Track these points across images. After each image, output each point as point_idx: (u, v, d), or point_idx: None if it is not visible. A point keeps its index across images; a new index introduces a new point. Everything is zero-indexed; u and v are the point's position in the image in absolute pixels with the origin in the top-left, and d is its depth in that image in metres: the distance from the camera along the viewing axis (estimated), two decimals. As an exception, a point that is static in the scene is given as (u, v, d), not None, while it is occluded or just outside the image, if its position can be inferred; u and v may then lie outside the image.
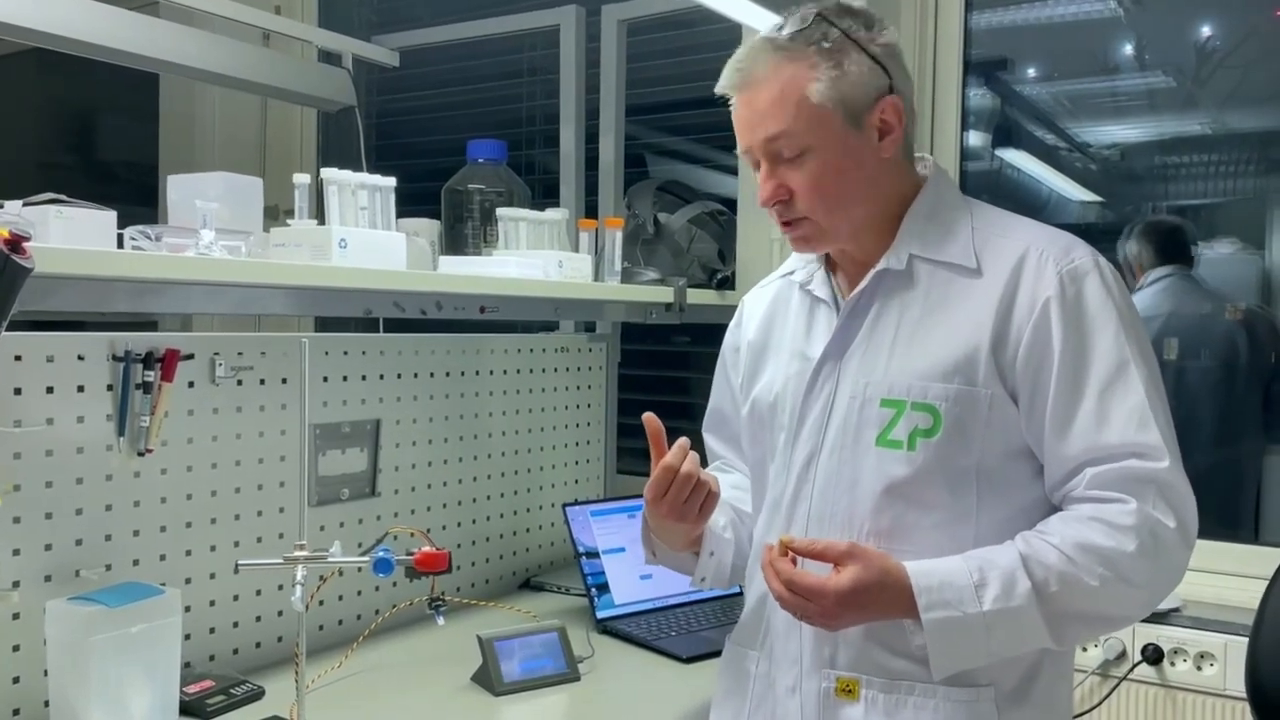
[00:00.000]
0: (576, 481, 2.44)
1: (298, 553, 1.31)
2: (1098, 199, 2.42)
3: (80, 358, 1.53)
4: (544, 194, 2.75)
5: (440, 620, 1.39)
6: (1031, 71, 2.45)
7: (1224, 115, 2.24)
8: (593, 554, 2.03)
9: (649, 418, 1.30)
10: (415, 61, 2.90)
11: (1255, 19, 2.20)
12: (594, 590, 1.99)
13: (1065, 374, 1.19)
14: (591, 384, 2.49)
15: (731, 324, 1.53)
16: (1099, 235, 2.38)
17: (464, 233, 2.22)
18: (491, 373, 2.22)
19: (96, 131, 3.79)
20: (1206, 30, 2.23)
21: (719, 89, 1.29)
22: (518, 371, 2.28)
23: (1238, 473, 2.21)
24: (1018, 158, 2.47)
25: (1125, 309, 1.22)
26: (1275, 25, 2.17)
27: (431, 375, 2.09)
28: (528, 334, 2.45)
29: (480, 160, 2.27)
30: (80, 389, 1.53)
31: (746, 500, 1.45)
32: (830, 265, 1.37)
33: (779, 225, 1.30)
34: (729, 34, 2.44)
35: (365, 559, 1.31)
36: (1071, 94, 2.40)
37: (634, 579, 2.04)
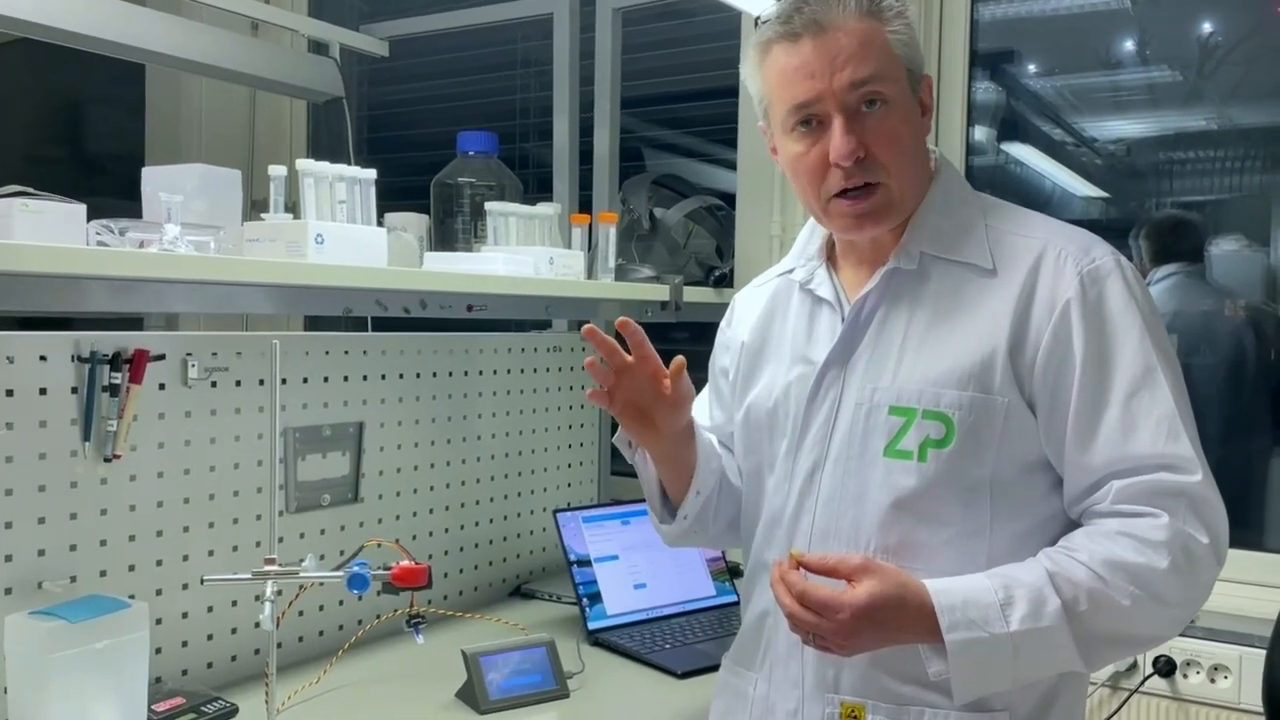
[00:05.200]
0: (569, 485, 2.37)
1: (268, 567, 1.23)
2: (1102, 194, 2.37)
3: (43, 358, 1.46)
4: (537, 188, 2.69)
5: (420, 639, 1.32)
6: (1037, 65, 2.40)
7: (1229, 111, 2.20)
8: (584, 562, 1.96)
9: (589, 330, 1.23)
10: (407, 52, 2.84)
11: (1259, 14, 2.16)
12: (585, 600, 1.92)
13: (1088, 380, 1.12)
14: (585, 384, 2.42)
15: (722, 324, 1.45)
16: (1103, 231, 2.31)
17: (454, 228, 2.16)
18: (481, 373, 2.15)
19: (84, 123, 3.74)
20: (1211, 25, 2.19)
21: (780, 34, 1.17)
22: (508, 371, 2.22)
23: (1245, 475, 2.16)
24: (1022, 152, 2.42)
25: (1149, 311, 1.15)
26: (1278, 20, 2.13)
27: (418, 376, 2.02)
28: (519, 333, 2.39)
29: (471, 153, 2.20)
30: (43, 391, 1.46)
31: (733, 471, 1.40)
32: (831, 263, 1.30)
33: (841, 196, 1.18)
34: (727, 23, 2.38)
35: (339, 575, 1.24)
36: (1077, 88, 2.36)
37: (627, 589, 1.97)
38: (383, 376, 1.95)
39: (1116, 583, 1.07)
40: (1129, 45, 2.28)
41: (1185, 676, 1.92)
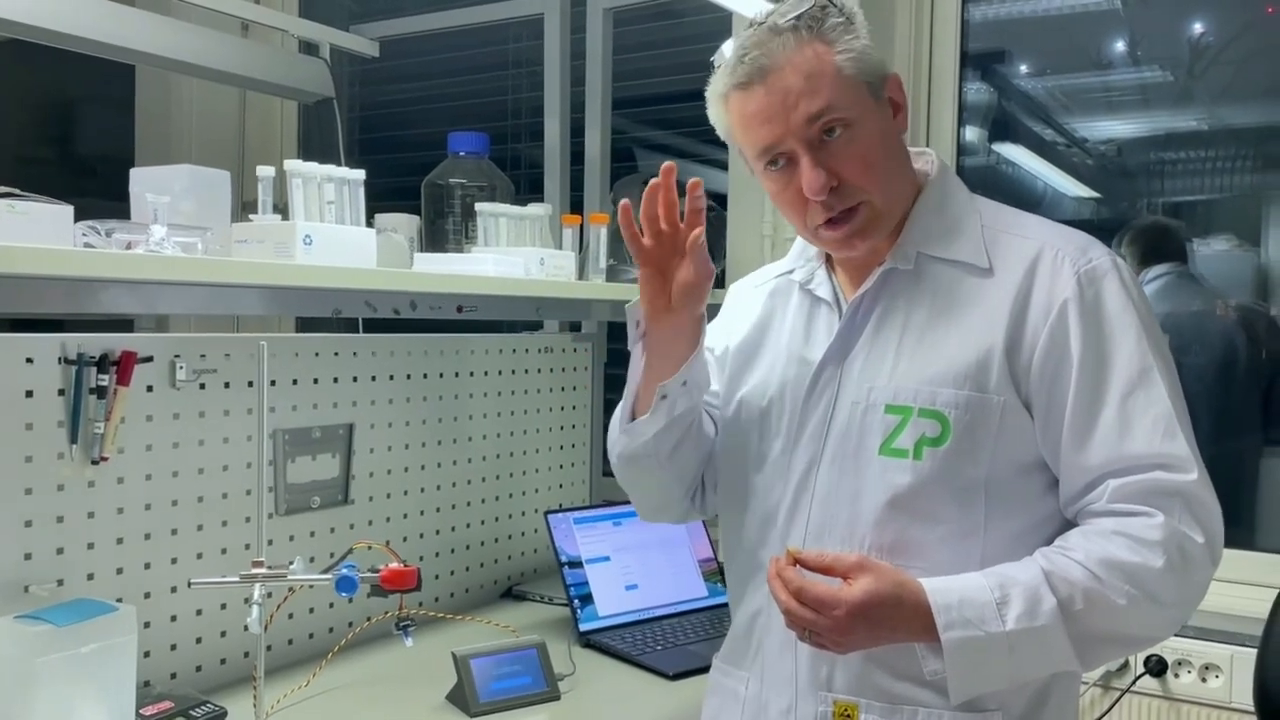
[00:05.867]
0: (561, 486, 2.37)
1: (255, 570, 1.22)
2: (1093, 195, 2.37)
3: (29, 360, 1.45)
4: (529, 189, 2.68)
5: (408, 641, 1.31)
6: (1028, 66, 2.40)
7: (1220, 111, 2.20)
8: (576, 563, 1.95)
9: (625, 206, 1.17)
10: (398, 52, 2.83)
11: (1250, 14, 2.17)
12: (577, 602, 1.91)
13: (1085, 380, 1.12)
14: (577, 385, 2.42)
15: (718, 317, 1.44)
16: (1094, 231, 2.31)
17: (445, 228, 2.15)
18: (472, 374, 2.15)
19: (74, 124, 3.72)
20: (1202, 25, 2.20)
21: (731, 84, 1.18)
22: (499, 373, 2.21)
23: (1234, 474, 2.16)
24: (1013, 152, 2.42)
25: (1145, 312, 1.15)
26: (1269, 20, 2.14)
27: (408, 377, 2.01)
28: (511, 334, 2.38)
29: (461, 153, 2.19)
30: (29, 394, 1.45)
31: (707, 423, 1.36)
32: (830, 264, 1.30)
33: (822, 225, 1.18)
34: (718, 24, 2.37)
35: (327, 577, 1.23)
36: (1068, 88, 2.36)
37: (619, 590, 1.97)
38: (373, 378, 1.94)
39: (1112, 582, 1.07)
40: (1120, 46, 2.28)
41: (1176, 676, 1.92)
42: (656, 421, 1.26)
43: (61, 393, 1.48)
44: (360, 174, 1.63)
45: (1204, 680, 1.90)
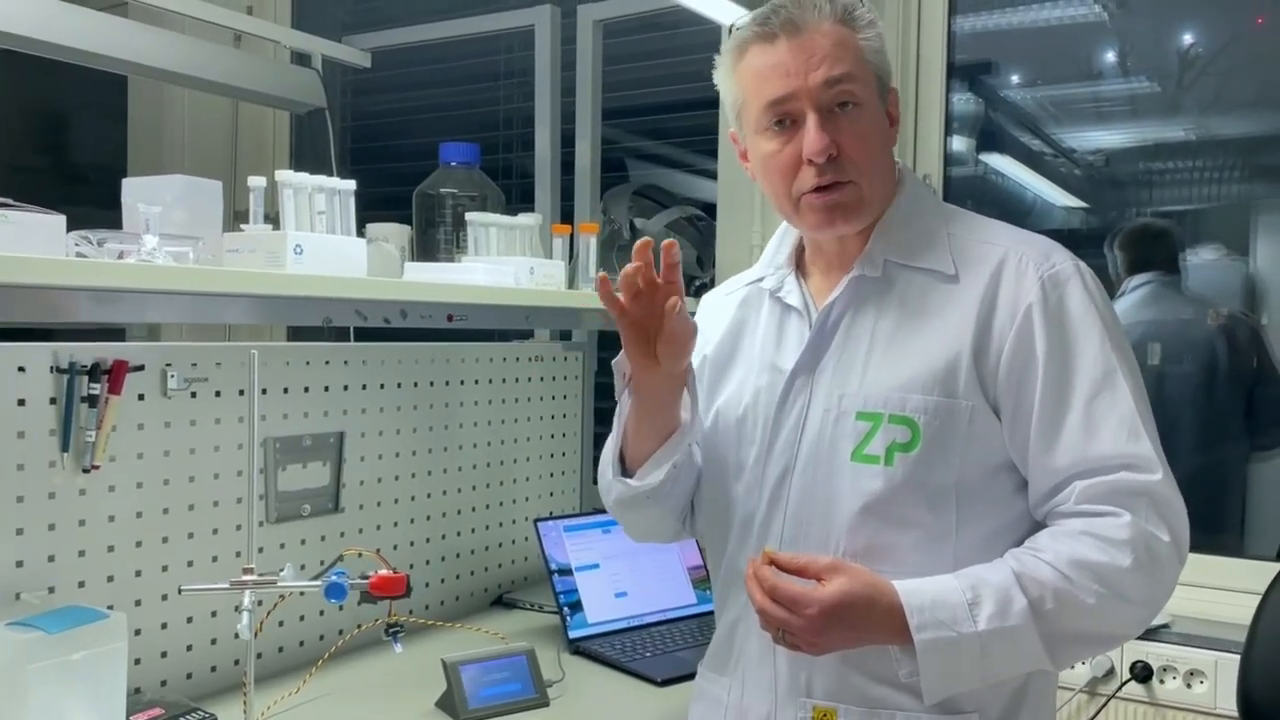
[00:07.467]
0: (551, 494, 2.38)
1: (246, 577, 1.23)
2: (1082, 205, 2.39)
3: (21, 369, 1.46)
4: (521, 198, 2.70)
5: (398, 647, 1.32)
6: (1016, 76, 2.42)
7: (1208, 121, 2.22)
8: (565, 571, 1.97)
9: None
10: (390, 63, 2.85)
11: (1238, 25, 2.19)
12: (566, 609, 1.92)
13: (1050, 383, 1.14)
14: (567, 393, 2.43)
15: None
16: (1083, 241, 2.35)
17: (436, 238, 2.16)
18: (463, 383, 2.16)
19: (67, 133, 3.73)
20: (1190, 36, 2.21)
21: (755, 35, 1.19)
22: (490, 381, 2.22)
23: (1221, 482, 2.18)
24: (1002, 163, 2.43)
25: (1108, 315, 1.18)
26: (1257, 31, 2.17)
27: (399, 386, 2.02)
28: (502, 342, 2.39)
29: (453, 163, 2.21)
30: (21, 403, 1.46)
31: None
32: (800, 271, 1.31)
33: (813, 191, 1.19)
34: (708, 35, 2.40)
35: (317, 584, 1.24)
36: (1056, 99, 2.37)
37: (608, 597, 1.98)
38: (363, 386, 1.95)
39: (1081, 581, 1.09)
40: (1108, 56, 2.29)
41: (1162, 682, 1.92)
42: (658, 476, 1.28)
43: (53, 401, 1.49)
44: (351, 184, 1.65)
45: (1189, 686, 1.91)
